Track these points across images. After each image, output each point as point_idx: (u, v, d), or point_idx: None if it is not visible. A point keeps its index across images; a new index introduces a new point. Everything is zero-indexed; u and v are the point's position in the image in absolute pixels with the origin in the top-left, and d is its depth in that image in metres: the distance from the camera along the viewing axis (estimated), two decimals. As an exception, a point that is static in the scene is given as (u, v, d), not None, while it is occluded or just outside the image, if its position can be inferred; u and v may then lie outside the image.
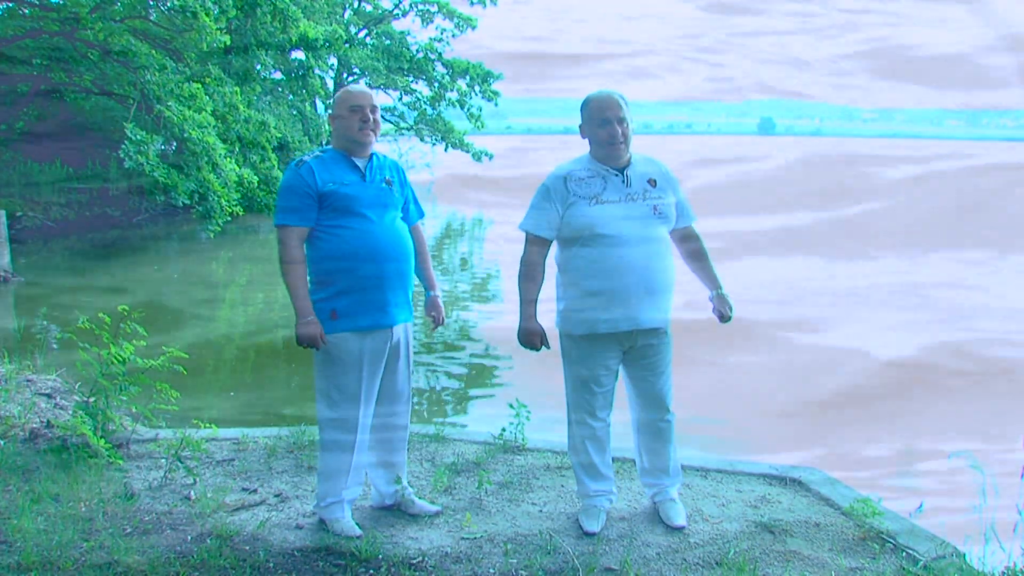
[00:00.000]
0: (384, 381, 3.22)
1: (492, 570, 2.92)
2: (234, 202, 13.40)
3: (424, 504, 3.40)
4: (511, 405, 4.16)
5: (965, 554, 3.01)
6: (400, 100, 25.40)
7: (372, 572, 2.89)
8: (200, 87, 13.23)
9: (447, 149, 25.14)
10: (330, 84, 24.18)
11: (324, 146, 3.27)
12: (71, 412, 4.26)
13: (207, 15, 12.03)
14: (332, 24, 19.86)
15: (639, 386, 3.29)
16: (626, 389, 3.35)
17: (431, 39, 24.80)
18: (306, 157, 3.14)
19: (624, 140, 3.15)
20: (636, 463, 3.49)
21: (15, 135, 17.20)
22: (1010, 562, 2.85)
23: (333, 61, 23.17)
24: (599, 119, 3.15)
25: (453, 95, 24.70)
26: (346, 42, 22.06)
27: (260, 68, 16.51)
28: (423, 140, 25.82)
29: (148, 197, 17.15)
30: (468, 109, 24.76)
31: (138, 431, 4.26)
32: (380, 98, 3.26)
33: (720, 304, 3.32)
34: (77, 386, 4.99)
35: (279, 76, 21.17)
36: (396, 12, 24.99)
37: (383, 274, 3.09)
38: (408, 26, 25.46)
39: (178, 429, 4.16)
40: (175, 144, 14.23)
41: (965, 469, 3.17)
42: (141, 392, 4.06)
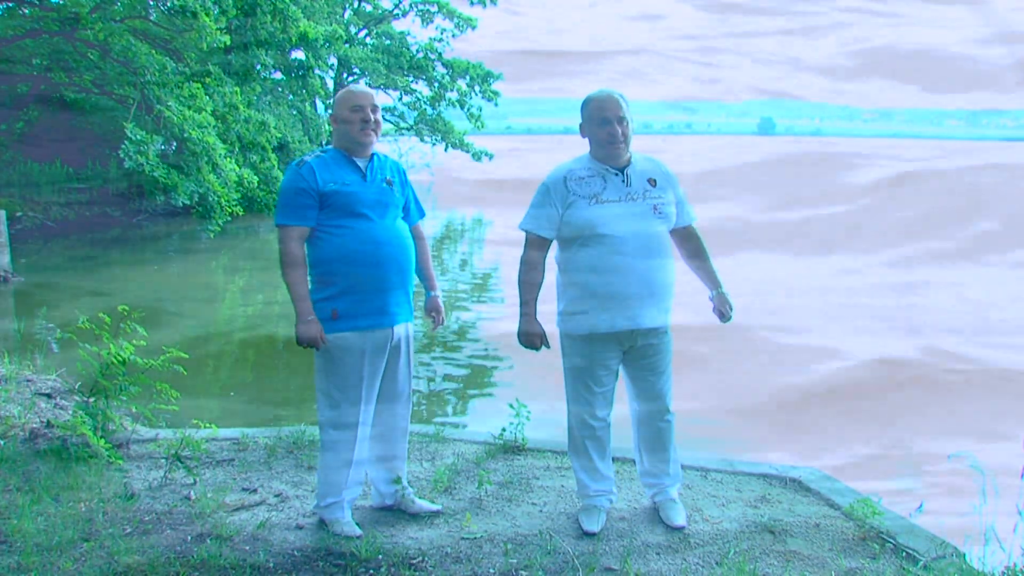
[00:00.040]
0: (384, 381, 3.22)
1: (492, 570, 2.92)
2: (234, 202, 13.41)
3: (424, 503, 3.40)
4: (511, 405, 4.15)
5: (965, 554, 3.01)
6: (400, 100, 25.42)
7: (372, 572, 2.88)
8: (200, 87, 13.24)
9: (447, 149, 25.16)
10: (330, 84, 24.18)
11: (325, 146, 3.27)
12: (71, 412, 4.25)
13: (207, 15, 12.03)
14: (332, 24, 19.87)
15: (639, 386, 3.29)
16: (626, 389, 3.35)
17: (431, 39, 24.82)
18: (307, 157, 3.14)
19: (624, 139, 3.15)
20: (636, 463, 3.50)
21: (15, 135, 17.21)
22: (1010, 562, 2.85)
23: (333, 61, 23.17)
24: (599, 118, 3.15)
25: (453, 95, 24.72)
26: (346, 42, 22.09)
27: (260, 68, 16.50)
28: (423, 140, 25.84)
29: (148, 197, 17.19)
30: (468, 109, 24.77)
31: (138, 431, 4.26)
32: (380, 98, 3.26)
33: (720, 303, 3.32)
34: (77, 386, 4.99)
35: (279, 76, 21.17)
36: (396, 12, 25.02)
37: (384, 274, 3.09)
38: (408, 26, 25.55)
39: (178, 429, 4.17)
40: (175, 144, 14.23)
41: (965, 469, 3.17)
42: (141, 392, 4.06)
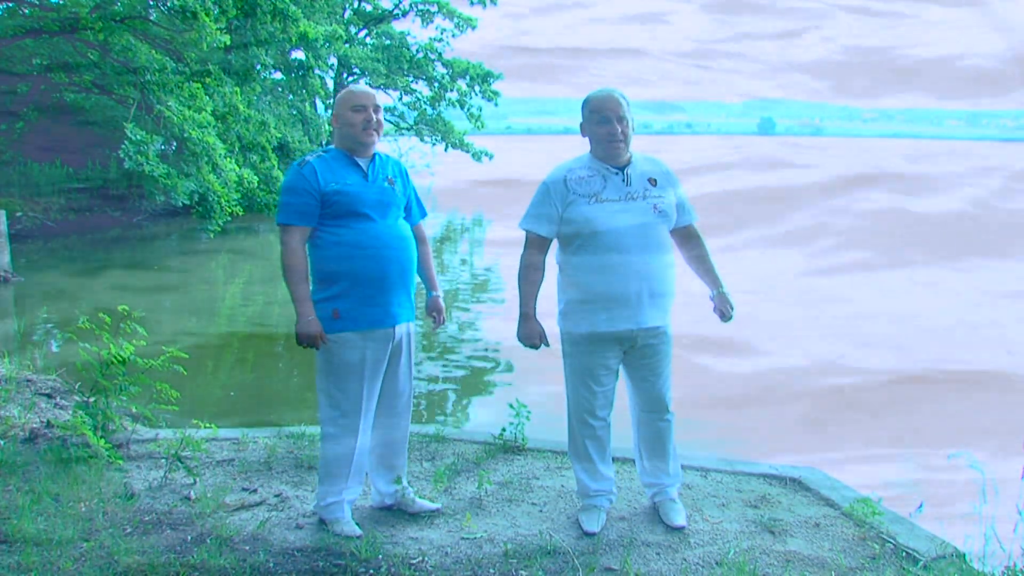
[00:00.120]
0: (385, 381, 3.21)
1: (492, 570, 2.92)
2: (234, 202, 13.41)
3: (424, 502, 3.40)
4: (511, 405, 4.15)
5: (965, 554, 3.01)
6: (400, 100, 25.41)
7: (372, 572, 2.88)
8: (200, 87, 13.23)
9: (447, 149, 25.15)
10: (330, 84, 24.19)
11: (326, 146, 3.27)
12: (71, 412, 4.25)
13: (207, 15, 12.02)
14: (332, 24, 19.86)
15: (639, 386, 3.29)
16: (626, 389, 3.35)
17: (431, 39, 24.82)
18: (309, 157, 3.14)
19: (624, 138, 3.14)
20: (636, 463, 3.49)
21: (15, 135, 17.21)
22: (1010, 562, 2.85)
23: (333, 61, 23.17)
24: (599, 117, 3.15)
25: (453, 95, 24.72)
26: (346, 42, 22.07)
27: (260, 68, 16.51)
28: (423, 140, 25.83)
29: (148, 197, 17.18)
30: (468, 109, 24.77)
31: (138, 431, 4.26)
32: (380, 98, 3.25)
33: (721, 303, 3.32)
34: (77, 386, 4.99)
35: (279, 76, 21.18)
36: (396, 12, 24.98)
37: (385, 274, 3.09)
38: (408, 26, 25.50)
39: (178, 429, 4.17)
40: (175, 144, 14.23)
41: (965, 469, 3.17)
42: (141, 392, 4.06)
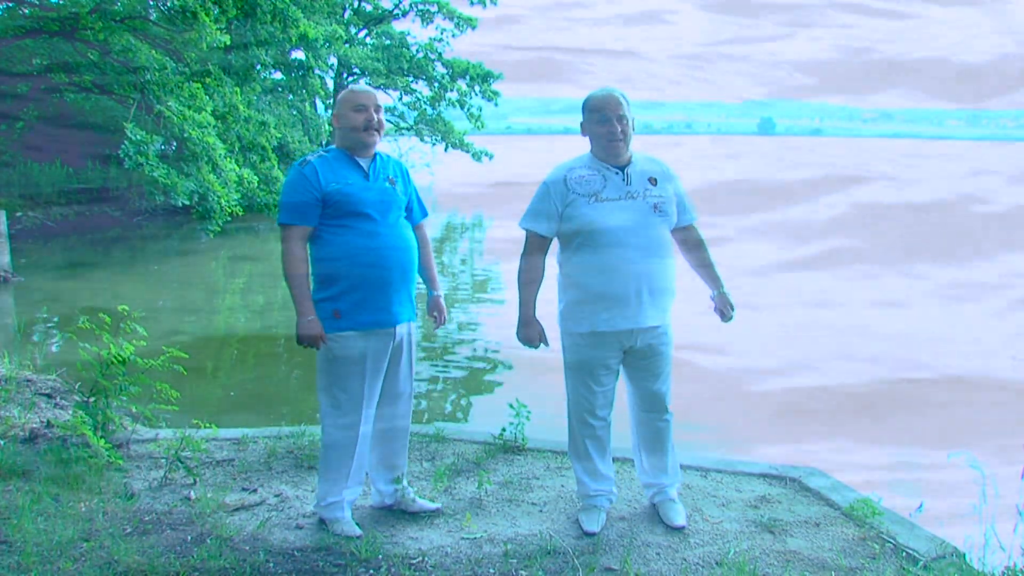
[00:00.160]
0: (386, 380, 3.22)
1: (492, 570, 2.92)
2: (234, 202, 13.39)
3: (424, 502, 3.40)
4: (511, 405, 4.15)
5: (965, 554, 3.01)
6: (400, 100, 25.40)
7: (372, 572, 2.88)
8: (200, 87, 13.23)
9: (447, 149, 25.14)
10: (330, 84, 24.18)
11: (327, 146, 3.27)
12: (71, 412, 4.25)
13: (207, 15, 12.02)
14: (332, 24, 19.85)
15: (638, 386, 3.29)
16: (626, 389, 3.35)
17: (431, 39, 24.80)
18: (310, 157, 3.14)
19: (623, 137, 3.14)
20: (635, 463, 3.49)
21: (15, 135, 17.20)
22: (1010, 562, 2.85)
23: (333, 61, 23.15)
24: (598, 117, 3.15)
25: (453, 95, 24.71)
26: (346, 42, 22.06)
27: (260, 68, 16.49)
28: (423, 140, 25.81)
29: (148, 197, 17.16)
30: (468, 109, 24.76)
31: (138, 431, 4.26)
32: (381, 98, 3.26)
33: (721, 303, 3.32)
34: (77, 386, 4.99)
35: (279, 76, 21.16)
36: (396, 12, 24.97)
37: (386, 273, 3.09)
38: (408, 26, 25.48)
39: (178, 429, 4.16)
40: (175, 144, 14.23)
41: (965, 469, 3.17)
42: (141, 392, 4.05)
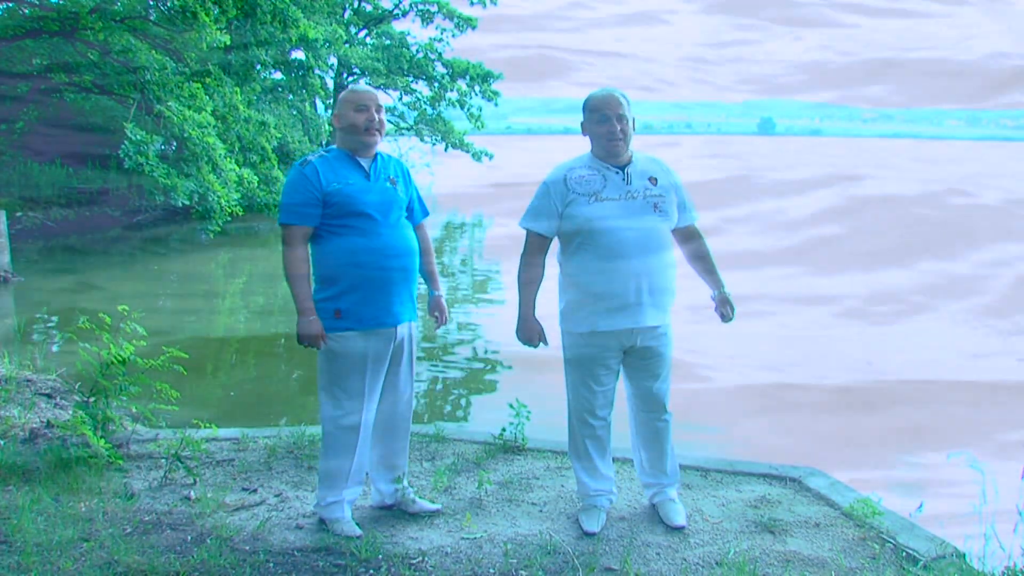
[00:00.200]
0: (387, 381, 3.22)
1: (492, 570, 2.92)
2: (234, 202, 13.40)
3: (424, 503, 3.40)
4: (511, 405, 4.15)
5: (965, 554, 3.01)
6: (400, 100, 25.40)
7: (372, 572, 2.88)
8: (200, 87, 13.23)
9: (447, 149, 25.15)
10: (330, 84, 24.18)
11: (328, 146, 3.27)
12: (71, 412, 4.25)
13: (207, 15, 12.02)
14: (332, 24, 19.85)
15: (638, 386, 3.29)
16: (625, 389, 3.35)
17: (431, 39, 24.81)
18: (311, 157, 3.15)
19: (623, 137, 3.14)
20: (634, 463, 3.49)
21: (15, 135, 17.20)
22: (1010, 562, 2.85)
23: (333, 61, 23.16)
24: (598, 116, 3.15)
25: (453, 95, 24.71)
26: (346, 42, 22.06)
27: (260, 68, 16.48)
28: (423, 140, 25.82)
29: (148, 197, 17.16)
30: (468, 109, 24.77)
31: (138, 431, 4.25)
32: (381, 98, 3.26)
33: (722, 304, 3.32)
34: (77, 386, 4.99)
35: (279, 76, 21.15)
36: (396, 12, 24.98)
37: (388, 273, 3.09)
38: (408, 26, 25.48)
39: (178, 429, 4.16)
40: (175, 144, 14.23)
41: (965, 469, 3.17)
42: (141, 392, 4.05)
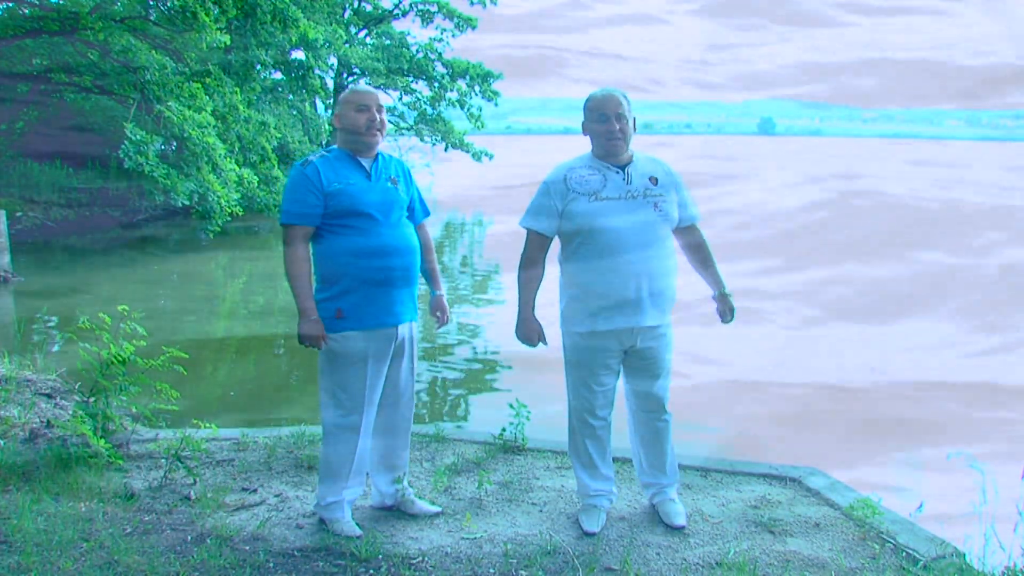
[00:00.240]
0: (387, 380, 3.22)
1: (492, 570, 2.92)
2: (234, 202, 13.41)
3: (424, 505, 3.40)
4: (511, 405, 4.15)
5: (965, 554, 3.01)
6: (400, 100, 25.40)
7: (372, 572, 2.88)
8: (200, 87, 13.24)
9: (447, 149, 25.15)
10: (330, 84, 24.17)
11: (329, 146, 3.27)
12: (71, 412, 4.25)
13: (207, 15, 12.02)
14: (332, 24, 19.86)
15: (638, 386, 3.29)
16: (625, 389, 3.35)
17: (431, 39, 24.80)
18: (312, 157, 3.15)
19: (622, 136, 3.14)
20: (634, 463, 3.49)
21: (15, 135, 17.20)
22: (1010, 562, 2.85)
23: (333, 61, 23.15)
24: (598, 116, 3.15)
25: (453, 95, 24.71)
26: (346, 42, 22.06)
27: (260, 68, 16.49)
28: (423, 140, 25.82)
29: (148, 197, 17.15)
30: (468, 109, 24.77)
31: (138, 431, 4.25)
32: (382, 98, 3.26)
33: (722, 304, 3.32)
34: (77, 386, 4.99)
35: (279, 76, 21.15)
36: (396, 12, 24.98)
37: (389, 273, 3.09)
38: (408, 26, 25.48)
39: (178, 429, 4.17)
40: (175, 144, 14.23)
41: (965, 469, 3.17)
42: (141, 392, 4.05)
